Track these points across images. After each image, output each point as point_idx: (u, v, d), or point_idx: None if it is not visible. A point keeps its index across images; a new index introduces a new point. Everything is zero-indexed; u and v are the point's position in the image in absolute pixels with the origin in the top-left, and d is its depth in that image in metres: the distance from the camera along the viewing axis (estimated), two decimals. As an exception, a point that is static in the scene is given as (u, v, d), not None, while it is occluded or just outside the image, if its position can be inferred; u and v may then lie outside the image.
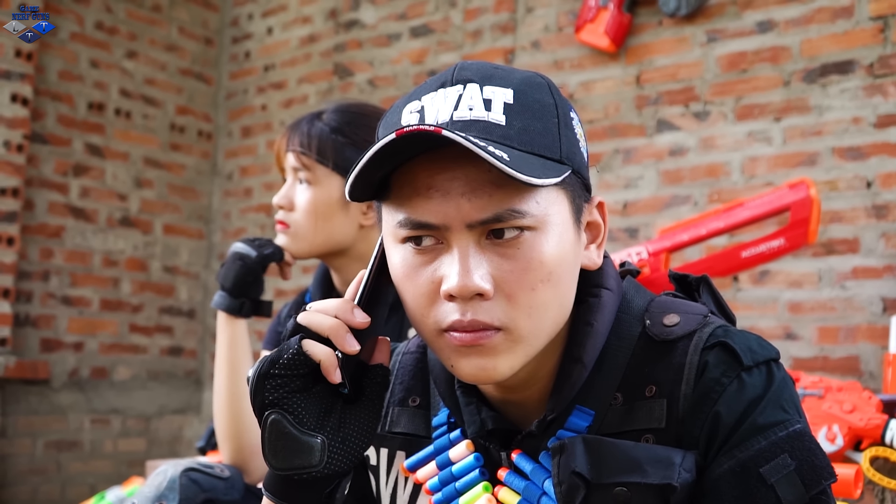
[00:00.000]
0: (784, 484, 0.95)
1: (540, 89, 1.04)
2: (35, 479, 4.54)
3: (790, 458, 0.96)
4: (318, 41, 5.02)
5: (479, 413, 1.11)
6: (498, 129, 0.99)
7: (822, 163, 3.33)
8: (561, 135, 1.03)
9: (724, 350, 1.03)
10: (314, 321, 1.04)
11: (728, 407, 0.99)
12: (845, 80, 3.31)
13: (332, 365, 1.01)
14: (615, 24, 3.74)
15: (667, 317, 1.08)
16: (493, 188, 0.97)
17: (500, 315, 0.98)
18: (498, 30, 4.25)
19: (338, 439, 1.02)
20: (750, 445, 0.97)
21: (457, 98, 1.01)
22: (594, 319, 1.07)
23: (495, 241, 0.98)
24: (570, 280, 1.04)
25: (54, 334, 4.69)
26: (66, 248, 4.77)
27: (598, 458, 0.99)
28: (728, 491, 0.97)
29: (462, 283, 0.96)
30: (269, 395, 1.00)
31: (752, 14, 3.53)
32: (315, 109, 2.06)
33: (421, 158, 0.99)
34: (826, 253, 3.30)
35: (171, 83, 5.28)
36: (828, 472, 0.98)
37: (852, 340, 3.23)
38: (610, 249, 3.66)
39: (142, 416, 5.01)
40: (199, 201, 5.41)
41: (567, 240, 1.02)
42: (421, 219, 0.99)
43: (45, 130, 4.68)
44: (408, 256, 1.02)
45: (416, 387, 1.23)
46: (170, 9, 5.29)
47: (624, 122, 3.83)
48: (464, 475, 1.12)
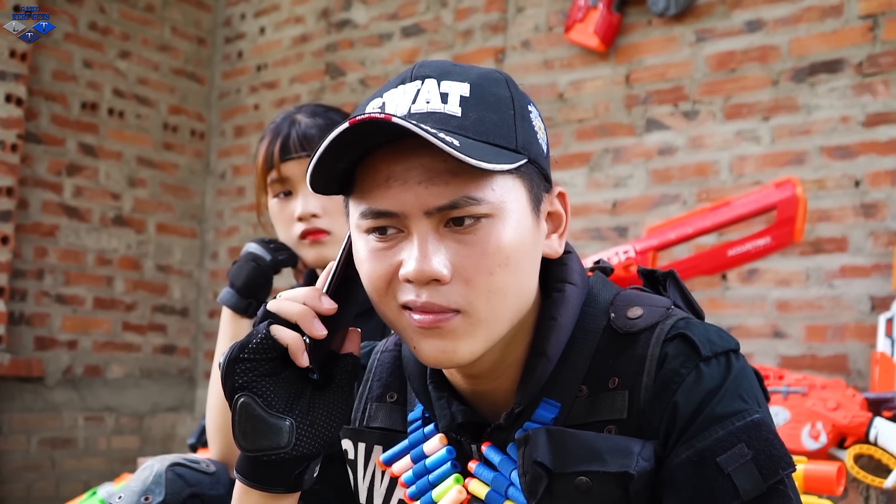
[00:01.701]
0: (741, 473, 0.97)
1: (496, 83, 1.07)
2: (29, 476, 4.55)
3: (747, 448, 0.97)
4: (310, 41, 5.04)
5: (449, 407, 1.13)
6: (453, 120, 1.02)
7: (810, 162, 3.34)
8: (517, 126, 1.05)
9: (684, 341, 1.05)
10: (283, 308, 1.07)
11: (686, 397, 1.01)
12: (834, 79, 3.32)
13: (300, 349, 1.04)
14: (605, 23, 3.76)
15: (630, 310, 1.11)
16: (450, 176, 0.99)
17: (457, 298, 1.00)
18: (488, 29, 4.26)
19: (306, 422, 1.06)
20: (707, 435, 0.99)
21: (415, 93, 1.04)
22: (558, 314, 1.09)
23: (454, 228, 1.01)
24: (529, 266, 1.06)
25: (48, 332, 4.70)
26: (60, 246, 4.78)
27: (559, 448, 1.01)
28: (685, 480, 0.98)
29: (419, 268, 0.99)
30: (238, 379, 1.04)
31: (741, 13, 3.55)
32: (277, 120, 2.01)
33: (381, 152, 1.02)
34: (814, 252, 3.31)
35: (164, 83, 5.29)
36: (786, 461, 0.99)
37: (840, 339, 3.24)
38: (599, 248, 3.68)
39: (135, 413, 5.02)
40: (192, 200, 5.42)
41: (524, 226, 1.04)
42: (380, 207, 1.02)
43: (39, 130, 4.69)
44: (371, 244, 1.05)
45: (393, 383, 1.25)
46: (163, 9, 5.29)
47: (613, 122, 3.84)
48: (437, 468, 1.14)
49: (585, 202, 3.86)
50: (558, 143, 3.95)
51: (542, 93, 4.03)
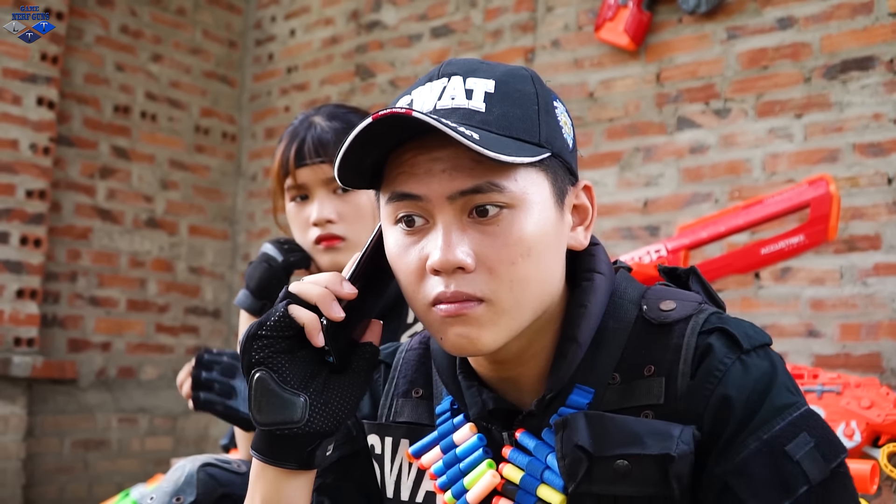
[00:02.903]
0: (807, 460, 0.99)
1: (522, 80, 1.11)
2: (62, 478, 4.59)
3: (809, 436, 1.01)
4: (340, 42, 5.05)
5: (480, 395, 1.15)
6: (477, 115, 1.05)
7: (843, 159, 3.32)
8: (541, 120, 1.08)
9: (723, 334, 1.07)
10: (304, 289, 1.11)
11: (738, 389, 1.03)
12: (865, 77, 3.30)
13: (316, 329, 1.08)
14: (635, 22, 3.75)
15: (663, 303, 1.13)
16: (474, 164, 1.03)
17: (482, 287, 1.03)
18: (518, 29, 4.26)
19: (320, 401, 1.09)
20: (772, 426, 1.01)
21: (441, 89, 1.08)
22: (587, 301, 1.11)
23: (477, 219, 1.04)
24: (553, 258, 1.09)
25: (82, 334, 4.75)
26: (93, 249, 4.82)
27: (599, 432, 1.04)
28: (759, 469, 1.00)
29: (444, 258, 1.02)
30: (255, 355, 1.08)
31: (772, 10, 3.52)
32: (295, 123, 2.00)
33: (408, 146, 1.06)
34: (848, 250, 3.29)
35: (196, 86, 5.33)
36: (842, 447, 1.02)
37: (874, 337, 3.21)
38: (630, 247, 3.67)
39: (168, 414, 5.05)
40: (223, 202, 5.45)
41: (547, 218, 1.07)
42: (405, 190, 1.06)
43: (72, 133, 4.74)
44: (399, 237, 1.08)
45: (418, 380, 1.28)
46: (194, 12, 5.33)
47: (644, 120, 3.83)
48: (467, 456, 1.16)
49: (616, 201, 3.85)
50: (589, 143, 3.94)
51: (573, 92, 4.02)
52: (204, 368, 2.01)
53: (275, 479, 1.13)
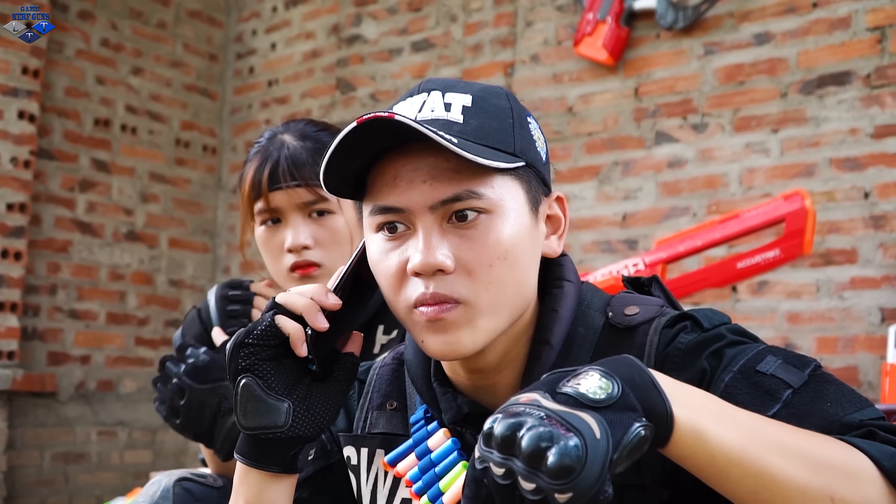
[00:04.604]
0: (781, 371, 1.03)
1: (497, 96, 1.16)
2: (43, 491, 4.57)
3: (774, 357, 1.05)
4: (321, 56, 5.06)
5: (455, 400, 1.19)
6: (456, 125, 1.10)
7: (819, 174, 3.35)
8: (515, 133, 1.13)
9: (685, 319, 1.13)
10: (290, 300, 1.16)
11: (699, 349, 1.08)
12: (842, 92, 3.33)
13: (300, 339, 1.13)
14: (613, 37, 3.77)
15: (627, 308, 1.18)
16: (453, 174, 1.07)
17: (460, 289, 1.07)
18: (498, 44, 4.28)
19: (303, 407, 1.14)
20: (739, 359, 1.05)
21: (421, 103, 1.14)
22: (558, 306, 1.16)
23: (456, 223, 1.08)
24: (528, 262, 1.13)
25: (61, 347, 4.73)
26: (73, 262, 4.81)
27: None
28: (740, 391, 1.03)
29: (425, 260, 1.06)
30: (241, 362, 1.13)
31: (749, 26, 3.55)
32: (260, 140, 1.88)
33: (389, 156, 1.11)
34: (824, 263, 3.31)
35: (177, 99, 5.32)
36: (812, 358, 1.07)
37: (851, 351, 3.24)
38: (609, 260, 3.69)
39: (148, 428, 5.04)
40: (203, 215, 5.45)
41: (522, 224, 1.11)
42: (387, 203, 1.10)
43: (52, 146, 4.73)
44: (381, 243, 1.12)
45: (392, 392, 1.31)
46: (175, 25, 5.33)
47: (623, 135, 3.85)
48: (443, 459, 1.18)
49: (595, 215, 3.87)
50: (568, 157, 3.96)
51: (552, 106, 4.04)
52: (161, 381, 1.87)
53: (258, 482, 1.17)
